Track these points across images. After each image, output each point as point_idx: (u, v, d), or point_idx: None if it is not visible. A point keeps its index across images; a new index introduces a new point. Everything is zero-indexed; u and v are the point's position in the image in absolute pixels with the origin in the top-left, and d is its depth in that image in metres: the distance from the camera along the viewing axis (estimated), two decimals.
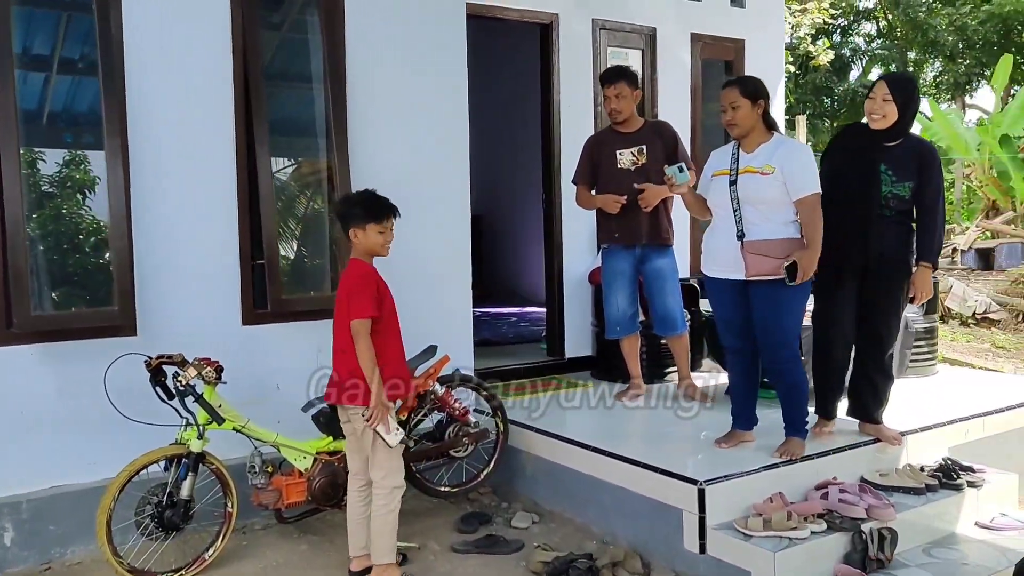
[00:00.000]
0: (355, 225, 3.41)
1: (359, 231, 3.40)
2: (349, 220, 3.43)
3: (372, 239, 3.41)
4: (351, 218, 3.42)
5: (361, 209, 3.42)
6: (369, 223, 3.40)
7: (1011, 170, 15.14)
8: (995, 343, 9.31)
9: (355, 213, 3.42)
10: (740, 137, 3.89)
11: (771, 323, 3.87)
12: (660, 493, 3.71)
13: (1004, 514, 4.00)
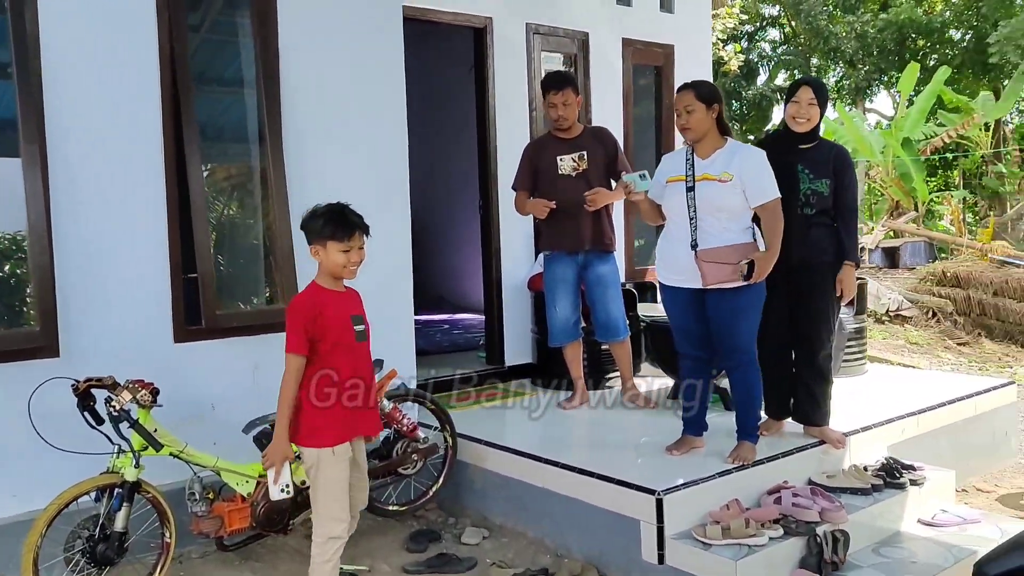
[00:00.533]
0: (315, 241, 3.10)
1: (319, 248, 3.09)
2: (309, 235, 3.13)
3: (332, 258, 3.08)
4: (311, 233, 3.11)
5: (323, 223, 3.08)
6: (330, 240, 3.07)
7: (913, 172, 15.83)
8: (909, 339, 9.67)
9: (315, 227, 3.09)
10: (694, 142, 3.88)
11: (728, 329, 3.88)
12: (616, 504, 3.67)
13: (944, 510, 4.11)
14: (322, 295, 3.13)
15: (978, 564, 2.79)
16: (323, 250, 3.09)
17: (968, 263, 11.34)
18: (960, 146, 18.01)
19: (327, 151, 4.49)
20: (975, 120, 16.31)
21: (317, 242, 3.10)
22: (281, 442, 3.10)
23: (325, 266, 3.13)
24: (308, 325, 3.05)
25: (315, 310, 3.08)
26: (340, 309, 3.15)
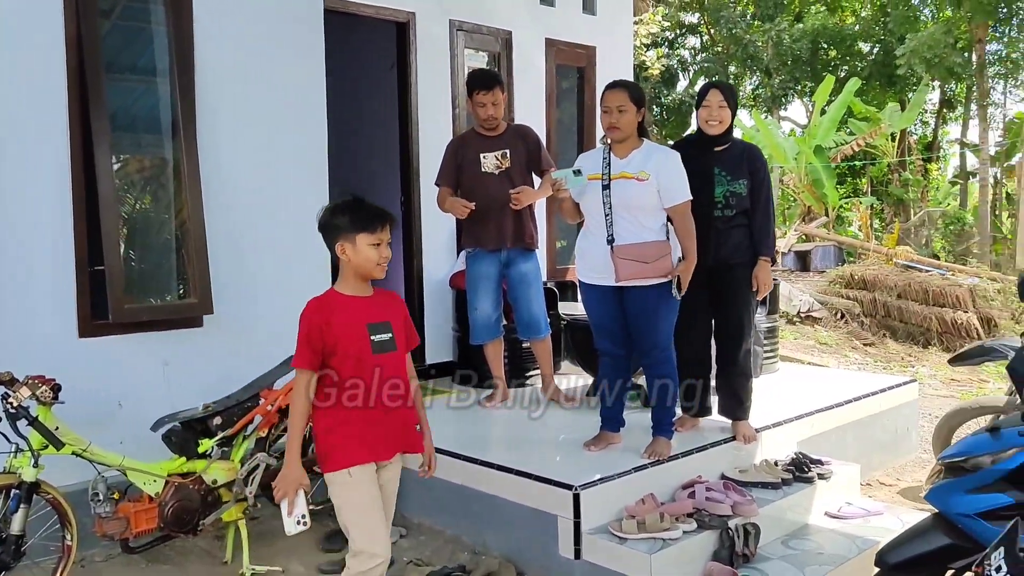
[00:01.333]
0: (342, 238, 2.72)
1: (347, 245, 2.72)
2: (334, 233, 2.74)
3: (364, 254, 2.71)
4: (336, 230, 2.74)
5: (348, 218, 2.73)
6: (360, 233, 2.71)
7: (824, 178, 16.42)
8: (819, 339, 10.00)
9: (340, 223, 2.73)
10: (620, 141, 3.92)
11: (646, 326, 3.94)
12: (534, 500, 3.68)
13: (850, 503, 4.25)
14: (334, 301, 2.78)
15: (880, 553, 2.91)
16: (352, 247, 2.72)
17: (874, 267, 11.80)
18: (868, 154, 18.75)
19: (244, 143, 4.39)
20: (882, 130, 17.00)
21: (344, 239, 2.72)
22: (293, 468, 2.74)
23: (353, 265, 2.75)
24: (314, 336, 2.70)
25: (322, 318, 2.72)
26: (354, 316, 2.77)
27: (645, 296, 3.89)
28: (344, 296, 2.79)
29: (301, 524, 2.78)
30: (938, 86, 21.08)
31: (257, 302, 4.51)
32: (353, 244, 2.72)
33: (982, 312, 10.09)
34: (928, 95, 21.79)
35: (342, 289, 2.81)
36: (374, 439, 2.82)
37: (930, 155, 22.66)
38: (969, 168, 22.44)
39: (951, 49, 15.96)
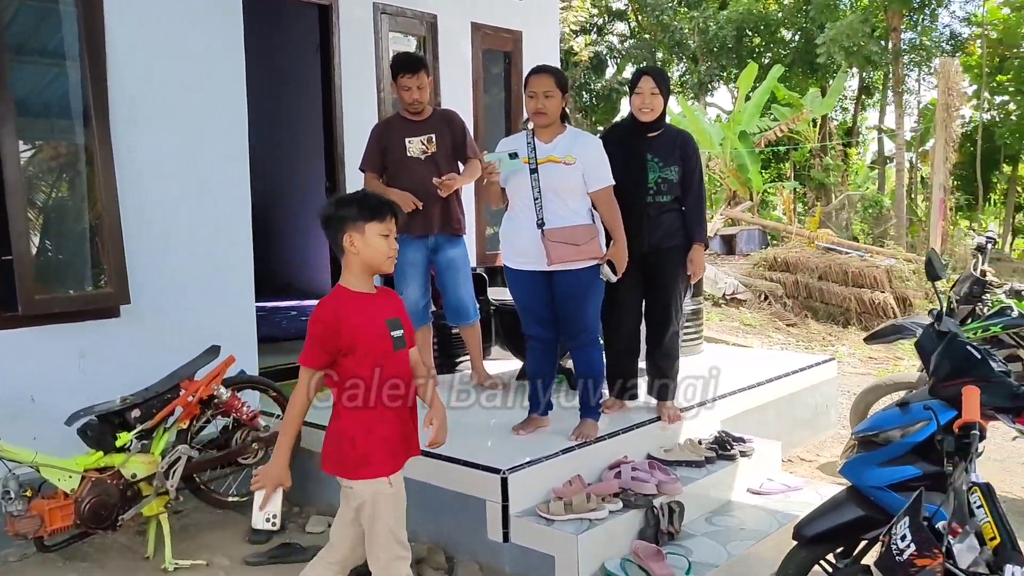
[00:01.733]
0: (350, 229, 2.56)
1: (356, 236, 2.56)
2: (341, 224, 2.58)
3: (374, 246, 2.58)
4: (342, 221, 2.57)
5: (356, 207, 2.59)
6: (370, 222, 2.57)
7: (748, 163, 16.75)
8: (743, 321, 10.23)
9: (348, 213, 2.58)
10: (545, 126, 3.92)
11: (574, 309, 3.97)
12: (462, 485, 3.69)
13: (771, 479, 4.37)
14: (349, 300, 2.64)
15: (797, 527, 2.99)
16: (361, 238, 2.57)
17: (797, 249, 12.10)
18: (791, 140, 19.21)
19: (161, 130, 4.26)
20: (804, 115, 17.41)
21: (353, 229, 2.56)
22: (278, 465, 2.63)
23: (363, 258, 2.60)
24: (329, 337, 2.58)
25: (338, 319, 2.59)
26: (372, 314, 2.66)
27: (574, 279, 3.92)
28: (357, 293, 2.65)
29: (270, 523, 2.69)
30: (857, 73, 21.71)
31: (178, 291, 4.39)
32: (362, 235, 2.57)
33: (898, 292, 10.46)
34: (847, 82, 22.42)
35: (351, 285, 2.66)
36: (403, 443, 2.75)
37: (850, 140, 23.34)
38: (887, 153, 23.21)
39: (868, 37, 16.44)
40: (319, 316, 2.61)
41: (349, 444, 2.65)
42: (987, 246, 4.73)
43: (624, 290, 4.22)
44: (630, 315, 4.37)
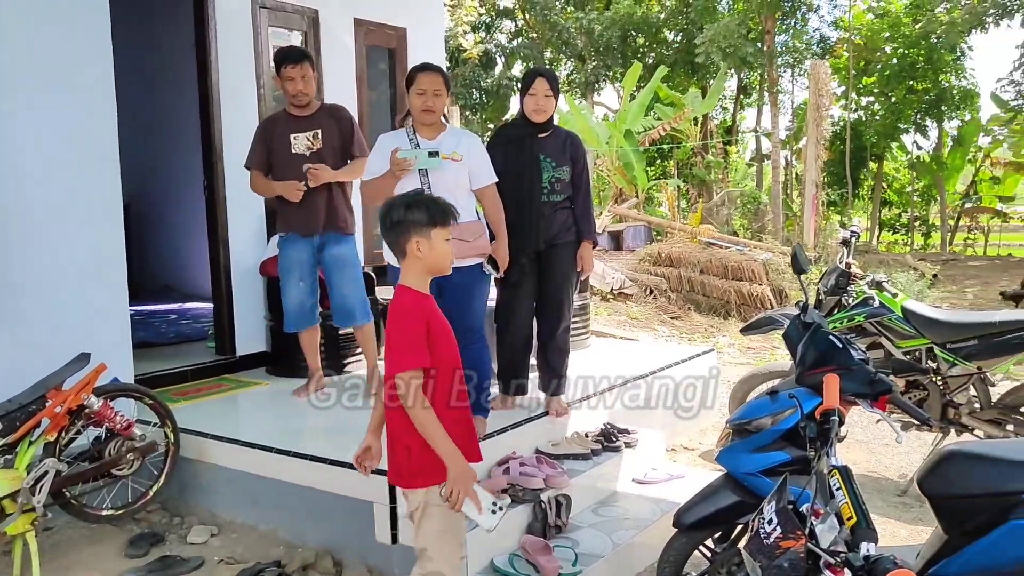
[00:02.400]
0: (417, 234, 2.55)
1: (422, 241, 2.55)
2: (408, 230, 2.56)
3: (441, 249, 2.59)
4: (413, 226, 2.55)
5: (424, 212, 2.57)
6: (436, 227, 2.57)
7: (634, 161, 17.16)
8: (630, 315, 10.48)
9: (417, 219, 2.56)
10: (432, 124, 3.92)
11: (463, 307, 3.97)
12: (350, 489, 3.64)
13: (654, 468, 4.50)
14: (423, 301, 2.60)
15: (677, 514, 3.09)
16: (427, 243, 2.56)
17: (680, 245, 12.48)
18: (674, 138, 19.79)
19: (23, 129, 4.02)
20: (686, 115, 17.96)
21: (420, 235, 2.55)
22: (459, 464, 2.49)
23: (428, 262, 2.59)
24: (424, 334, 2.52)
25: (427, 319, 2.55)
26: (441, 317, 2.66)
27: (464, 277, 3.93)
28: (425, 295, 2.62)
29: (498, 511, 2.54)
30: (735, 74, 22.54)
31: (45, 297, 4.17)
32: (429, 240, 2.56)
33: (775, 284, 10.92)
34: (726, 82, 23.25)
35: (415, 286, 2.61)
36: (466, 445, 2.65)
37: (730, 139, 24.22)
38: (764, 151, 24.22)
39: (744, 39, 17.08)
40: (415, 316, 2.53)
41: (404, 454, 2.59)
42: (851, 240, 4.98)
43: (517, 286, 4.27)
44: (524, 311, 4.41)
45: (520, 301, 4.36)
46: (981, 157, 23.59)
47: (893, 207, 25.67)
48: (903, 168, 24.85)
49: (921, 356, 4.55)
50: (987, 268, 17.10)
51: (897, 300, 4.60)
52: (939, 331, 4.46)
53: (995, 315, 4.42)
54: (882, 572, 1.72)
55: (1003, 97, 20.03)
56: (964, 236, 24.55)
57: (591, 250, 4.43)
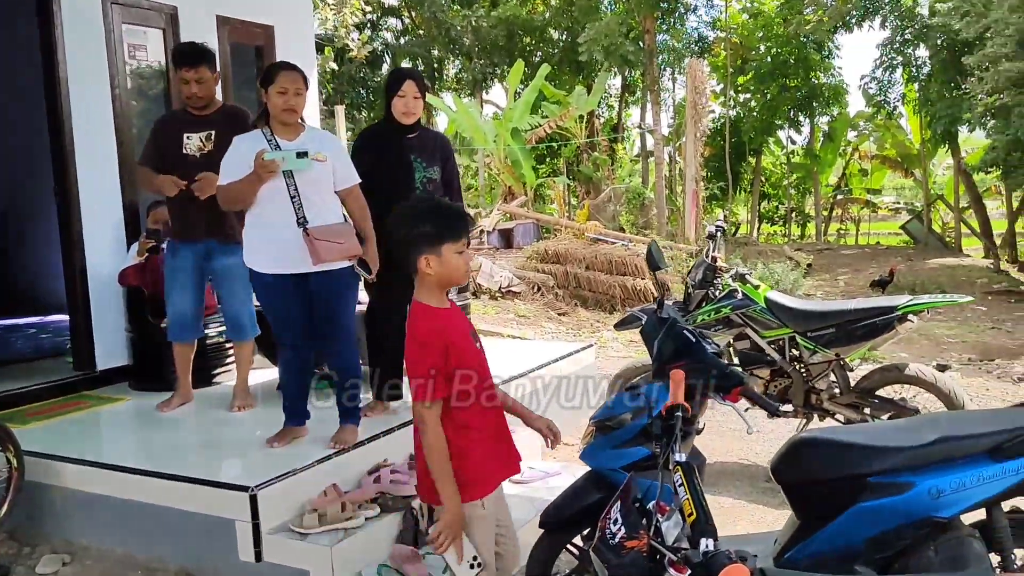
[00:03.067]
0: (428, 249, 2.40)
1: (432, 258, 2.40)
2: (416, 246, 2.41)
3: (453, 264, 2.43)
4: (421, 240, 2.40)
5: (432, 225, 2.42)
6: (446, 242, 2.41)
7: (522, 159, 17.26)
8: (518, 312, 10.52)
9: (423, 233, 2.40)
10: (291, 124, 3.81)
11: (333, 311, 3.88)
12: (210, 506, 3.48)
13: (531, 467, 4.48)
14: (440, 318, 2.47)
15: (543, 514, 3.09)
16: (437, 258, 2.41)
17: (566, 241, 12.62)
18: (563, 136, 20.02)
19: None
20: (570, 112, 18.18)
21: (430, 250, 2.40)
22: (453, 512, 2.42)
23: (439, 277, 2.45)
24: (443, 359, 2.40)
25: (444, 341, 2.42)
26: (461, 328, 2.54)
27: (335, 280, 3.84)
28: (441, 310, 2.49)
29: (476, 567, 2.47)
30: (619, 72, 22.98)
31: None
32: (439, 256, 2.41)
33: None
34: (611, 80, 23.68)
35: (431, 302, 2.48)
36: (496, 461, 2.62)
37: (616, 136, 24.69)
38: (649, 148, 24.77)
39: (624, 38, 17.41)
40: (427, 341, 2.41)
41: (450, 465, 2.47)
42: (717, 234, 5.11)
43: (391, 289, 4.18)
44: (397, 314, 4.31)
45: (393, 304, 4.27)
46: (850, 151, 24.84)
47: (771, 200, 26.72)
48: (779, 162, 25.87)
49: (784, 345, 4.70)
50: (858, 257, 18.00)
51: (759, 291, 4.74)
52: (799, 320, 4.62)
53: (850, 303, 4.61)
54: (718, 568, 1.73)
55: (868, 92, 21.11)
56: (837, 227, 25.81)
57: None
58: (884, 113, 20.87)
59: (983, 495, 2.61)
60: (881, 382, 4.59)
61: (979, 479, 2.60)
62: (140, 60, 5.61)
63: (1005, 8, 11.88)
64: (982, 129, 15.21)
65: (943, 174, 24.99)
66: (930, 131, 19.01)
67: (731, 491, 4.68)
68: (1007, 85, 11.91)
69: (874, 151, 24.28)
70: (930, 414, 3.01)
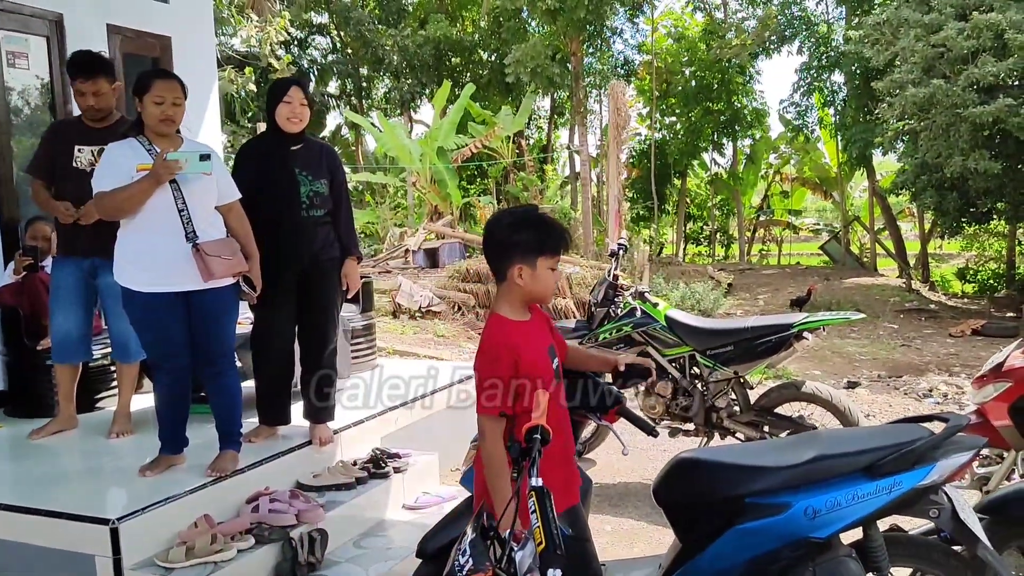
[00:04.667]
0: (521, 259, 2.31)
1: (525, 269, 2.31)
2: (511, 252, 2.32)
3: (544, 280, 2.34)
4: (514, 248, 2.31)
5: (534, 234, 2.31)
6: (543, 255, 2.32)
7: (447, 178, 17.18)
8: (437, 332, 10.37)
9: (524, 240, 2.30)
10: (168, 135, 3.65)
11: (215, 331, 3.72)
12: (68, 541, 3.25)
13: (426, 492, 4.34)
14: (516, 332, 2.35)
15: (421, 542, 2.95)
16: (530, 271, 2.31)
17: None
18: (493, 156, 20.00)
19: None
20: (496, 132, 18.18)
21: (524, 261, 2.30)
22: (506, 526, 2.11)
23: (528, 291, 2.35)
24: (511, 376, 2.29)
25: (515, 356, 2.30)
26: (538, 344, 2.41)
27: (219, 298, 3.68)
28: (520, 323, 2.39)
29: None
30: (548, 94, 23.12)
31: None
32: (533, 268, 2.32)
33: (578, 297, 11.15)
34: (539, 102, 23.82)
35: (511, 315, 2.38)
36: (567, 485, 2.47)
37: (545, 157, 24.80)
38: (577, 169, 24.94)
39: (551, 61, 17.51)
40: (497, 356, 2.31)
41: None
42: (619, 252, 5.07)
43: (277, 308, 4.02)
44: (284, 335, 4.15)
45: (280, 324, 4.11)
46: (772, 173, 25.41)
47: (696, 221, 27.14)
48: (704, 184, 26.33)
49: (685, 363, 4.66)
50: (778, 276, 18.34)
51: (660, 309, 4.70)
52: (699, 338, 4.59)
53: (748, 321, 4.61)
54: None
55: (786, 117, 21.65)
56: (760, 247, 26.32)
57: (356, 266, 4.26)
58: (802, 137, 21.41)
59: (859, 513, 2.57)
60: (779, 400, 4.59)
61: (854, 497, 2.56)
62: (20, 68, 5.33)
63: (912, 36, 12.28)
64: (893, 153, 15.72)
65: (860, 196, 25.76)
66: (846, 154, 19.55)
67: (632, 513, 4.61)
68: (914, 110, 12.28)
69: (795, 174, 24.89)
70: (811, 432, 2.97)
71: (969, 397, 4.01)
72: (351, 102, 27.69)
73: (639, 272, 13.95)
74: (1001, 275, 18.38)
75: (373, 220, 20.44)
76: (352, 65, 26.93)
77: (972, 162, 11.39)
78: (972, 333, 11.17)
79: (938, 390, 7.71)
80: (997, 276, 18.68)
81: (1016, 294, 14.80)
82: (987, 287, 18.27)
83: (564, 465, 2.53)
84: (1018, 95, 11.13)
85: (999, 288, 17.60)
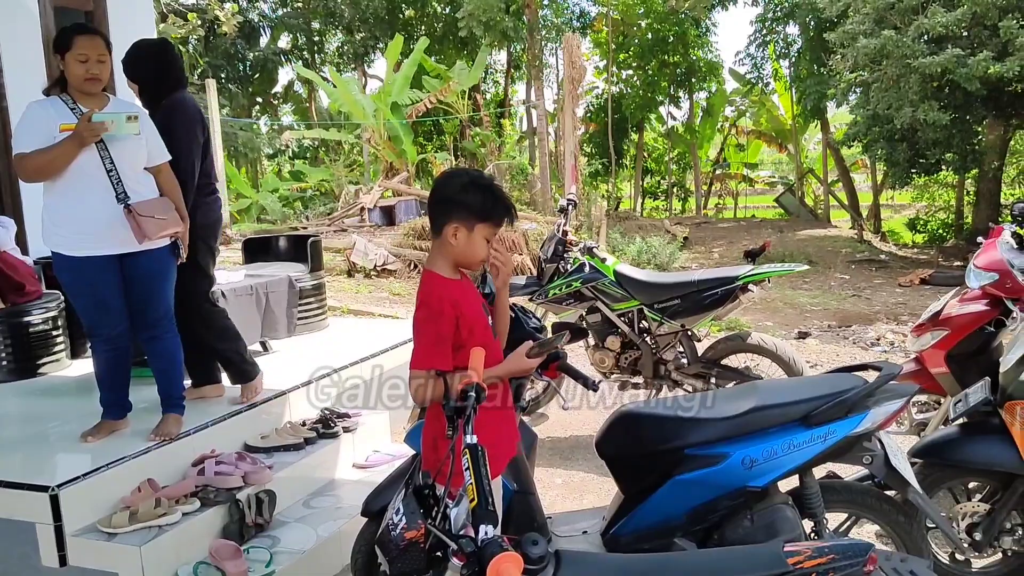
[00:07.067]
0: (460, 219, 2.30)
1: (461, 229, 2.31)
2: (452, 211, 2.31)
3: (477, 246, 2.33)
4: (457, 208, 2.31)
5: (479, 198, 2.30)
6: (484, 222, 2.31)
7: (402, 135, 16.93)
8: (392, 291, 10.31)
9: (467, 202, 2.30)
10: (95, 94, 3.49)
11: (154, 294, 3.63)
12: (5, 509, 3.19)
13: (377, 451, 4.33)
14: (453, 287, 2.36)
15: (365, 502, 2.96)
16: (467, 233, 2.31)
17: None
18: (449, 112, 19.74)
19: None
20: (451, 87, 17.93)
21: (464, 221, 2.30)
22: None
23: (456, 253, 2.34)
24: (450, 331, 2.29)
25: (455, 309, 2.30)
26: (474, 301, 2.42)
27: (154, 260, 3.60)
28: (454, 280, 2.38)
29: None
30: (505, 48, 22.82)
31: None
32: (470, 231, 2.32)
33: (534, 253, 11.13)
34: (495, 56, 23.52)
35: (444, 272, 2.38)
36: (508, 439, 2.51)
37: (502, 112, 24.58)
38: (535, 125, 24.76)
39: (504, 13, 17.25)
40: (440, 310, 2.29)
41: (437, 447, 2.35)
42: (569, 207, 5.04)
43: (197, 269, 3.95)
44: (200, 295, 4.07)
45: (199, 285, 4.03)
46: (728, 126, 25.49)
47: (654, 175, 27.19)
48: (660, 138, 26.34)
49: (634, 317, 4.69)
50: (734, 229, 18.51)
51: (608, 264, 4.71)
52: (647, 292, 4.61)
53: (694, 275, 4.63)
54: (489, 557, 1.63)
55: (740, 71, 21.63)
56: (716, 200, 26.50)
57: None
58: (757, 90, 21.45)
59: (795, 462, 2.62)
60: (726, 351, 4.64)
61: (790, 447, 2.61)
62: None
63: None
64: (846, 105, 15.82)
65: (815, 149, 25.97)
66: (800, 107, 19.65)
67: (582, 465, 4.66)
68: (866, 62, 12.35)
69: (750, 127, 24.98)
70: (749, 384, 3.01)
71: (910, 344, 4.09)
72: (303, 57, 27.12)
73: (596, 227, 13.95)
74: (950, 225, 18.75)
75: (328, 178, 20.15)
76: (303, 19, 26.32)
77: (922, 113, 11.52)
78: (920, 282, 11.41)
79: (885, 339, 7.88)
80: (946, 226, 19.05)
81: (964, 243, 15.10)
82: (936, 237, 18.63)
83: (503, 422, 2.53)
84: (966, 46, 11.24)
85: (948, 238, 17.96)
